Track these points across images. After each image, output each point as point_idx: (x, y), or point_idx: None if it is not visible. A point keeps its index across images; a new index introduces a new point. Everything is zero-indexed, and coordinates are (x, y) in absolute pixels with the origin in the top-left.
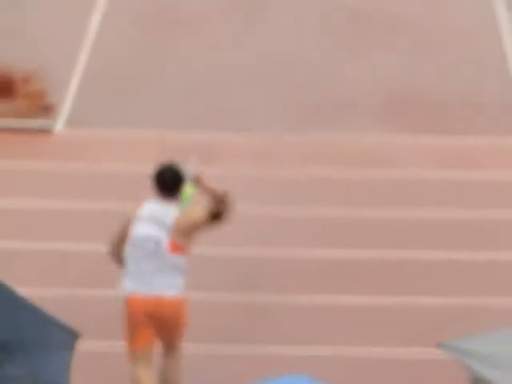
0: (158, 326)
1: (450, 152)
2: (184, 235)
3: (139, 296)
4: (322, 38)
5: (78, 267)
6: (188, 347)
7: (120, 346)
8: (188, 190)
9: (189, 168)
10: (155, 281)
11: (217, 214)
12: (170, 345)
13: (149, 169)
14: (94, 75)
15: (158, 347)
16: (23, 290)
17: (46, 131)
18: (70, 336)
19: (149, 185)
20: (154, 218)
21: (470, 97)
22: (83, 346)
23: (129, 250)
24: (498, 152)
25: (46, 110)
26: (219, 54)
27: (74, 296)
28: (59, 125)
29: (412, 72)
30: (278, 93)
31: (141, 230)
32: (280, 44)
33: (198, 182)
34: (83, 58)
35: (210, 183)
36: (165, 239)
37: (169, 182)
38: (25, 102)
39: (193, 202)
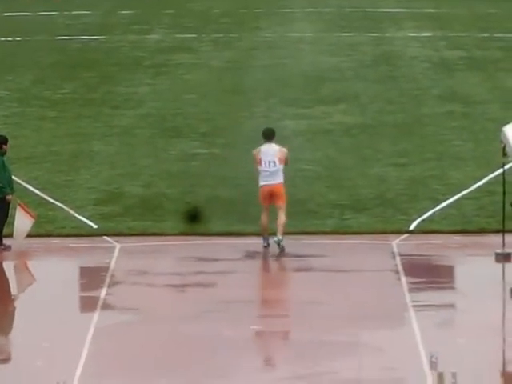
0: (274, 197)
1: None
2: (282, 157)
3: (266, 185)
4: None
5: None
6: None
7: None
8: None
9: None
10: (272, 178)
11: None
12: (280, 204)
13: None
14: None
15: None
16: None
17: None
18: None
19: None
20: (267, 150)
21: None
22: None
23: (261, 166)
24: None
25: None
26: None
27: None
28: None
29: None
30: None
31: (263, 157)
32: None
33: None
34: None
35: None
36: (275, 158)
37: (269, 134)
38: None
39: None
